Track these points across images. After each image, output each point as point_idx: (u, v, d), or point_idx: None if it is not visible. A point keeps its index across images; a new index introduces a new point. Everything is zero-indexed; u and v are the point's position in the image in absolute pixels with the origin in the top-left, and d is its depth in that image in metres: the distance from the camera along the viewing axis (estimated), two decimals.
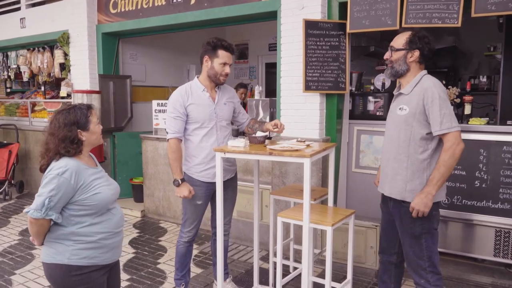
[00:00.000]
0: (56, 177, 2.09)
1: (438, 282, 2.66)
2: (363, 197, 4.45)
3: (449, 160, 2.50)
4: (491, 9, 3.39)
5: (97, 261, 2.23)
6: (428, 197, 2.53)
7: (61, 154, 2.16)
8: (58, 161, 2.15)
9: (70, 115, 2.19)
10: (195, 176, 3.30)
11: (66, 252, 2.17)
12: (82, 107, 2.25)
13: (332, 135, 4.40)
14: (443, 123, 2.50)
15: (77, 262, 2.17)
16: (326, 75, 4.24)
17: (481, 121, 3.98)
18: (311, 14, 4.23)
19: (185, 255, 3.44)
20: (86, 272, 2.20)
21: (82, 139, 2.21)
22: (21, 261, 4.42)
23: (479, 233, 3.91)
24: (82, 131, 2.20)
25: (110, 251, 2.29)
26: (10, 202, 6.87)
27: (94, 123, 2.26)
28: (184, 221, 3.40)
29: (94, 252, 2.21)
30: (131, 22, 6.00)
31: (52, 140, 2.16)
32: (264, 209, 4.67)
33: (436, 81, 2.62)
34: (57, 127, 2.17)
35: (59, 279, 2.20)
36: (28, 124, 7.61)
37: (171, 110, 3.23)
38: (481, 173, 3.87)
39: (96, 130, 2.27)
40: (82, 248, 2.18)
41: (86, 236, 2.19)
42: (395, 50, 2.69)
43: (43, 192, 2.09)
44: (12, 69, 7.91)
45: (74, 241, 2.17)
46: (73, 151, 2.17)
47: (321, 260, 4.15)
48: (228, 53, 3.24)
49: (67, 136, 2.15)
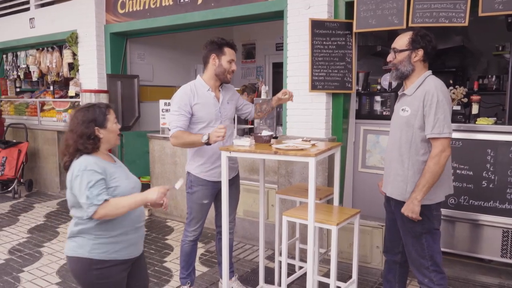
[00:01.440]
0: (80, 173, 2.15)
1: (442, 281, 2.65)
2: (369, 197, 4.45)
3: (434, 167, 2.52)
4: (498, 8, 3.37)
5: (117, 256, 2.27)
6: (414, 203, 2.56)
7: (80, 151, 2.23)
8: (77, 160, 2.21)
9: (89, 113, 2.27)
10: (201, 176, 3.31)
11: (87, 245, 2.22)
12: (101, 105, 2.33)
13: (338, 135, 4.39)
14: (434, 127, 2.51)
15: (97, 256, 2.22)
16: (332, 75, 4.24)
17: (488, 121, 3.95)
18: (317, 13, 4.23)
19: (190, 253, 3.46)
20: (106, 267, 2.24)
21: (100, 136, 2.27)
22: (30, 259, 4.46)
23: (486, 233, 3.89)
24: (100, 129, 2.27)
25: (130, 247, 2.33)
26: (19, 201, 6.93)
27: (111, 121, 2.32)
28: (189, 220, 3.42)
29: (115, 247, 2.26)
30: (138, 22, 6.03)
31: (71, 136, 2.24)
32: (270, 208, 4.68)
33: (439, 83, 2.61)
34: (76, 123, 2.25)
35: (80, 273, 2.26)
36: (37, 123, 7.68)
37: (175, 108, 3.19)
38: (489, 173, 3.85)
39: (114, 129, 2.34)
40: (103, 243, 2.23)
41: (107, 231, 2.24)
42: (398, 51, 2.68)
43: (81, 192, 2.13)
44: (21, 69, 7.99)
45: (95, 235, 2.22)
46: (91, 147, 2.24)
47: (326, 260, 4.14)
48: (233, 50, 3.29)
49: (85, 133, 2.22)
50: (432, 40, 2.65)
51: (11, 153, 7.05)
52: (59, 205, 6.66)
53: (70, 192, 2.22)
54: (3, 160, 6.99)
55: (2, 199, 6.98)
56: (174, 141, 3.17)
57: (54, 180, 7.45)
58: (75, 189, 2.17)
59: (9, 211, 6.30)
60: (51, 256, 4.54)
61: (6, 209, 6.40)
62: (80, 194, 2.14)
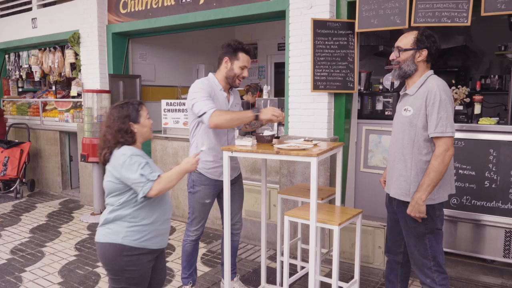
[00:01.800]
0: (129, 158, 2.34)
1: (444, 281, 2.65)
2: (371, 197, 4.44)
3: (439, 166, 2.51)
4: (501, 7, 3.36)
5: (147, 244, 2.42)
6: (419, 203, 2.55)
7: (121, 143, 2.42)
8: (119, 149, 2.40)
9: (123, 110, 2.47)
10: (204, 173, 3.32)
11: (121, 232, 2.38)
12: (134, 102, 2.53)
13: (340, 135, 4.39)
14: (437, 126, 2.51)
15: (130, 242, 2.37)
16: (334, 75, 4.23)
17: (491, 121, 3.94)
18: (319, 13, 4.22)
19: (192, 253, 3.46)
20: (136, 254, 2.39)
21: (134, 131, 2.47)
22: (32, 259, 4.46)
23: (488, 233, 3.88)
24: (134, 124, 2.46)
25: (159, 237, 2.49)
26: (21, 200, 6.95)
27: (144, 116, 2.51)
28: (191, 220, 3.42)
29: (146, 235, 2.41)
30: (140, 22, 6.03)
31: (109, 131, 2.44)
32: (272, 208, 4.68)
33: (441, 82, 2.60)
34: (112, 120, 2.45)
35: (110, 259, 2.39)
36: (39, 123, 7.70)
37: (200, 96, 3.10)
38: (491, 173, 3.84)
39: (146, 124, 2.52)
40: (136, 230, 2.39)
41: (142, 219, 2.40)
42: (402, 50, 2.67)
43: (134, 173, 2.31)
44: (23, 69, 7.99)
45: (130, 222, 2.39)
46: (130, 139, 2.45)
47: (328, 260, 4.14)
48: (248, 56, 3.26)
49: (121, 128, 2.43)
50: (436, 41, 2.65)
51: (13, 153, 7.07)
52: (61, 205, 6.67)
53: (113, 179, 2.38)
54: (5, 160, 7.00)
55: (4, 199, 6.99)
56: (216, 119, 3.02)
57: (56, 180, 7.46)
58: (125, 173, 2.32)
59: (11, 211, 6.31)
60: (53, 256, 4.55)
61: (8, 209, 6.41)
62: (133, 175, 2.31)
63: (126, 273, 2.40)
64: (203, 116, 3.05)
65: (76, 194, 7.13)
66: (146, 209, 2.41)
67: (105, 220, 2.42)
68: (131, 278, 2.42)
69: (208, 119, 3.02)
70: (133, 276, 2.42)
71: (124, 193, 2.38)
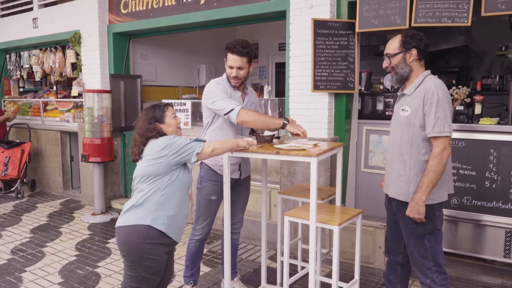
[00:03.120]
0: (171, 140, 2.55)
1: (444, 281, 2.65)
2: (372, 197, 4.44)
3: (437, 166, 2.52)
4: (501, 8, 3.36)
5: (170, 231, 2.55)
6: (419, 204, 2.55)
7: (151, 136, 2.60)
8: (157, 139, 2.59)
9: (150, 112, 2.67)
10: (215, 168, 3.32)
11: (148, 215, 2.50)
12: (161, 105, 2.72)
13: (340, 135, 4.39)
14: (435, 126, 2.51)
15: (157, 226, 2.50)
16: (335, 75, 4.23)
17: (491, 121, 3.94)
18: (320, 13, 4.22)
19: (196, 253, 3.46)
20: (158, 243, 2.51)
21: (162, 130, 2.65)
22: (32, 259, 4.47)
23: (489, 234, 3.88)
24: (159, 124, 2.64)
25: (178, 230, 2.63)
26: (22, 201, 6.96)
27: (169, 116, 2.68)
28: (197, 218, 3.42)
29: (170, 223, 2.55)
30: (141, 22, 6.04)
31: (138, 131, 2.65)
32: (273, 209, 4.68)
33: (438, 82, 2.61)
34: (141, 122, 2.66)
35: (134, 244, 2.48)
36: (40, 123, 7.70)
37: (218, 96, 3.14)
38: (491, 174, 3.84)
39: (172, 123, 2.69)
40: (162, 215, 2.52)
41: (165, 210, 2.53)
42: (392, 55, 2.70)
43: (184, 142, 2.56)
44: (24, 69, 7.99)
45: (157, 206, 2.52)
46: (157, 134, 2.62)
47: (329, 260, 4.14)
48: (233, 55, 3.17)
49: (148, 128, 2.62)
50: (422, 38, 2.66)
51: (14, 153, 7.08)
52: (62, 205, 6.68)
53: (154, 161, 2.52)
54: (6, 160, 7.01)
55: (5, 199, 7.00)
56: (245, 116, 3.06)
57: (57, 180, 7.47)
58: (172, 148, 2.51)
59: (12, 211, 6.32)
60: (53, 256, 4.56)
61: (9, 209, 6.42)
62: (183, 142, 2.54)
63: (146, 260, 2.49)
64: (230, 113, 3.07)
65: (77, 194, 7.14)
66: (172, 199, 2.56)
67: (133, 205, 2.54)
68: (150, 267, 2.51)
69: (236, 115, 3.05)
70: (151, 265, 2.51)
71: (163, 177, 2.53)
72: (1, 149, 7.09)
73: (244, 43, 3.18)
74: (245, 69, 3.22)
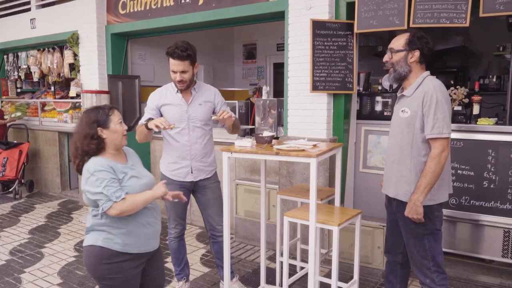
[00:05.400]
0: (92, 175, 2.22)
1: (443, 281, 2.66)
2: (370, 197, 4.45)
3: (436, 168, 2.53)
4: (499, 8, 3.37)
5: (129, 249, 2.32)
6: (416, 204, 2.56)
7: (86, 153, 2.30)
8: (87, 163, 2.29)
9: (92, 114, 2.34)
10: (167, 174, 3.38)
11: (100, 236, 2.30)
12: (105, 107, 2.39)
13: (339, 135, 4.39)
14: (434, 127, 2.52)
15: (110, 246, 2.28)
16: (333, 75, 4.24)
17: (489, 121, 3.96)
18: (318, 14, 4.23)
19: (179, 249, 3.52)
20: (116, 262, 2.29)
21: (103, 137, 2.32)
22: (31, 260, 4.46)
23: (487, 233, 3.89)
24: (103, 129, 2.32)
25: (142, 242, 2.37)
26: (20, 201, 6.94)
27: (115, 122, 2.36)
28: (168, 218, 3.50)
29: (126, 239, 2.31)
30: (139, 23, 6.03)
31: (78, 137, 2.32)
32: (271, 209, 4.68)
33: (437, 83, 2.61)
34: (81, 125, 2.34)
35: (92, 265, 2.33)
36: (38, 124, 7.69)
37: (146, 107, 3.40)
38: (490, 174, 3.85)
39: (117, 129, 2.36)
40: (115, 234, 2.30)
41: (117, 228, 2.30)
42: (395, 51, 2.70)
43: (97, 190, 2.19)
44: (22, 69, 7.99)
45: (109, 226, 2.30)
46: (94, 147, 2.30)
47: (328, 260, 4.15)
48: (174, 60, 3.16)
49: (88, 133, 2.29)
50: (429, 42, 2.67)
51: (12, 154, 7.06)
52: (60, 206, 6.67)
53: (85, 193, 2.27)
54: (4, 161, 6.99)
55: (3, 200, 6.98)
56: (136, 135, 3.34)
57: (55, 181, 7.46)
58: (90, 190, 2.22)
59: (10, 212, 6.30)
60: (52, 257, 4.55)
61: (7, 210, 6.40)
62: (96, 193, 2.19)
63: (109, 280, 2.32)
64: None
65: (75, 195, 7.12)
66: (123, 217, 2.29)
67: (86, 229, 2.40)
68: (116, 285, 2.34)
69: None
70: (116, 283, 2.33)
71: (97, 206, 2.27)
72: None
73: (184, 47, 3.18)
74: (189, 71, 3.23)
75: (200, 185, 3.42)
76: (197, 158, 3.35)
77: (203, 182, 3.43)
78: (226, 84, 8.92)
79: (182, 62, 3.17)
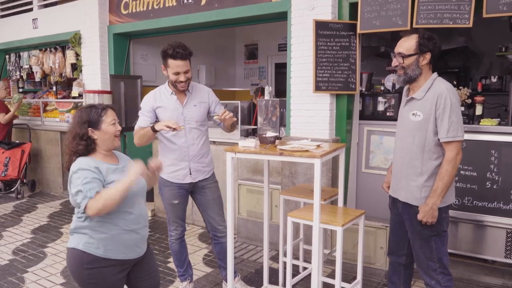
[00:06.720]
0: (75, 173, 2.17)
1: (449, 283, 2.66)
2: (373, 198, 4.45)
3: (452, 170, 2.52)
4: (502, 9, 3.37)
5: (111, 254, 2.24)
6: (433, 208, 2.55)
7: (76, 153, 2.25)
8: (74, 162, 2.23)
9: (84, 114, 2.28)
10: (165, 177, 3.37)
11: (81, 240, 2.23)
12: (98, 106, 2.32)
13: (342, 136, 4.40)
14: (449, 131, 2.50)
15: (91, 251, 2.22)
16: (336, 76, 4.24)
17: (492, 122, 3.96)
18: (321, 14, 4.23)
19: (180, 251, 3.52)
20: (97, 267, 2.22)
21: (93, 137, 2.27)
22: (34, 259, 4.47)
23: (490, 234, 3.89)
24: (94, 130, 2.26)
25: (126, 248, 2.30)
26: (22, 201, 6.95)
27: (107, 123, 2.29)
28: (168, 220, 3.50)
29: (108, 245, 2.24)
30: (142, 23, 6.04)
31: (68, 136, 2.28)
32: (274, 209, 4.69)
33: (449, 85, 2.59)
34: (72, 124, 2.29)
35: (74, 269, 2.27)
36: (40, 124, 7.70)
37: (141, 110, 3.37)
38: (492, 174, 3.85)
39: (109, 130, 2.29)
40: (96, 239, 2.22)
41: (100, 233, 2.23)
42: (406, 56, 2.62)
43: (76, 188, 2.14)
44: (24, 69, 7.99)
45: (91, 230, 2.23)
46: (82, 147, 2.24)
47: (331, 261, 4.15)
48: (177, 61, 3.15)
49: (78, 133, 2.24)
50: (437, 42, 2.63)
51: (14, 154, 7.07)
52: (62, 206, 6.67)
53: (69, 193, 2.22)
54: (6, 161, 7.00)
55: (5, 200, 6.99)
56: (134, 139, 3.29)
57: (57, 181, 7.47)
58: (71, 188, 2.17)
59: (12, 212, 6.31)
60: (55, 256, 4.56)
61: (10, 210, 6.41)
62: (76, 191, 2.13)
63: (90, 285, 2.25)
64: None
65: None
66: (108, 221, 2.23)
67: (70, 230, 2.32)
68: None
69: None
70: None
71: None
72: (1, 150, 7.07)
73: (183, 46, 3.19)
74: (190, 70, 3.25)
75: (199, 185, 3.42)
76: (195, 159, 3.35)
77: (202, 182, 3.43)
78: (228, 84, 8.92)
79: (185, 62, 3.19)
